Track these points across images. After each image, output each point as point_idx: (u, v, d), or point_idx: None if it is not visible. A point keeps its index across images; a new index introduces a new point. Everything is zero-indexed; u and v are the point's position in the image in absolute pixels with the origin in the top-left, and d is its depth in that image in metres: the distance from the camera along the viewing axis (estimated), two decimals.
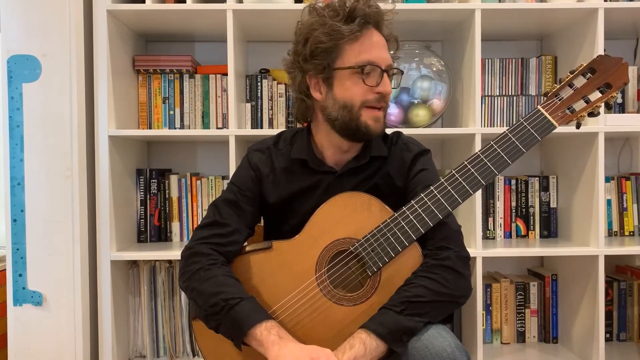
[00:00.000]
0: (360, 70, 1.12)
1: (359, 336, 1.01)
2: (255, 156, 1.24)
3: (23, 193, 1.65)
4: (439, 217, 1.08)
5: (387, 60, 1.14)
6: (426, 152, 1.24)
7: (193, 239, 1.17)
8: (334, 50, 1.13)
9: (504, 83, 1.97)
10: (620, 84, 1.11)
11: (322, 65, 1.14)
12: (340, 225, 1.12)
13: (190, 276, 1.11)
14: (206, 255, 1.12)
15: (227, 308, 1.03)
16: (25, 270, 1.66)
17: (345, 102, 1.14)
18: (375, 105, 1.14)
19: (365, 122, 1.14)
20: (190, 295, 1.12)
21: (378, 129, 1.16)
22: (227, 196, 1.21)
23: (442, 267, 1.06)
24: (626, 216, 2.01)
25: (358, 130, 1.15)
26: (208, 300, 1.06)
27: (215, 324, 1.06)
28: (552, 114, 1.10)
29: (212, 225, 1.17)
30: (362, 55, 1.12)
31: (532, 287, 2.00)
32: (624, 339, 2.02)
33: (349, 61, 1.12)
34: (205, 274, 1.09)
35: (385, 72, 1.13)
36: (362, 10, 1.12)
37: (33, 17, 1.65)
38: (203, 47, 2.12)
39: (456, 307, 1.11)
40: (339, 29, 1.11)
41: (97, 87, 1.72)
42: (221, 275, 1.09)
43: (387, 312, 1.02)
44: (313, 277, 1.10)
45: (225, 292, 1.05)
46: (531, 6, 1.75)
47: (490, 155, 1.10)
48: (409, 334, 1.01)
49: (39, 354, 1.67)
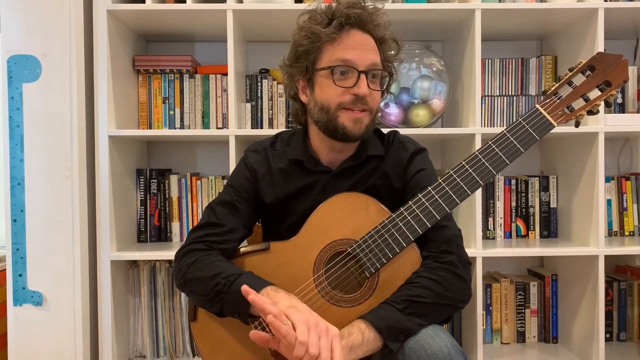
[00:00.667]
0: (331, 71, 1.11)
1: (358, 325, 1.01)
2: (252, 157, 1.25)
3: (23, 193, 1.65)
4: (437, 218, 1.07)
5: (367, 61, 1.11)
6: (423, 151, 1.24)
7: (187, 240, 1.17)
8: (313, 52, 1.13)
9: (504, 83, 1.97)
10: (620, 82, 1.10)
11: (304, 67, 1.15)
12: (337, 226, 1.12)
13: (186, 270, 1.11)
14: (201, 250, 1.13)
15: (229, 284, 1.03)
16: (25, 270, 1.66)
17: (323, 103, 1.14)
18: (351, 107, 1.12)
19: (343, 123, 1.12)
20: (189, 288, 1.11)
21: (358, 130, 1.13)
22: (223, 197, 1.21)
23: (446, 270, 1.06)
24: (626, 216, 2.01)
25: (336, 131, 1.13)
26: (208, 283, 1.06)
27: (219, 304, 1.06)
28: (551, 113, 1.09)
29: (206, 226, 1.17)
30: (337, 55, 1.11)
31: (532, 287, 2.00)
32: (624, 339, 2.02)
33: (326, 62, 1.13)
34: (202, 263, 1.10)
35: (363, 74, 1.11)
36: (341, 11, 1.11)
37: (33, 17, 1.65)
38: (203, 47, 2.12)
39: (455, 311, 1.10)
40: (318, 31, 1.11)
41: (97, 87, 1.72)
42: (217, 261, 1.10)
43: (388, 308, 1.02)
44: (311, 278, 1.10)
45: (224, 272, 1.06)
46: (531, 6, 1.75)
47: (488, 155, 1.08)
48: (406, 333, 1.01)
49: (39, 354, 1.67)
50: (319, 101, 1.15)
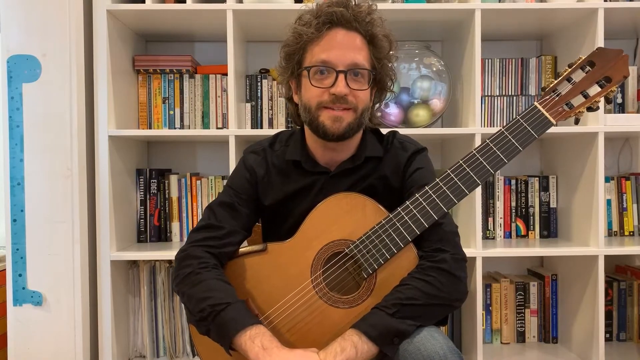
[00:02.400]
0: (308, 71, 1.12)
1: (351, 338, 1.00)
2: (251, 158, 1.25)
3: (23, 193, 1.65)
4: (434, 217, 1.07)
5: (347, 60, 1.10)
6: (422, 151, 1.23)
7: (187, 242, 1.16)
8: (298, 52, 1.14)
9: (504, 83, 1.97)
10: (620, 77, 1.07)
11: (292, 68, 1.16)
12: (335, 227, 1.12)
13: (181, 280, 1.10)
14: (198, 258, 1.11)
15: (214, 314, 1.02)
16: (25, 270, 1.66)
17: (305, 103, 1.15)
18: (330, 105, 1.11)
19: (323, 122, 1.12)
20: (182, 299, 1.11)
21: (337, 129, 1.12)
22: (223, 198, 1.21)
23: (437, 270, 1.05)
24: (626, 216, 2.01)
25: (317, 130, 1.14)
26: (197, 305, 1.05)
27: (205, 329, 1.05)
28: (550, 111, 1.07)
29: (206, 228, 1.17)
30: (317, 56, 1.11)
31: (532, 287, 2.00)
32: (623, 339, 2.02)
33: (308, 63, 1.13)
34: (196, 277, 1.08)
35: (342, 73, 1.09)
36: (324, 10, 1.11)
37: (33, 17, 1.65)
38: (203, 47, 2.12)
39: (450, 310, 1.09)
40: (302, 31, 1.11)
41: (97, 87, 1.72)
42: (211, 279, 1.08)
43: (379, 313, 1.01)
44: (308, 279, 1.10)
45: (212, 298, 1.04)
46: (531, 6, 1.75)
47: (485, 154, 1.07)
48: (401, 336, 1.00)
49: (39, 354, 1.67)
50: (303, 101, 1.16)
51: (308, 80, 1.13)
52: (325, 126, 1.12)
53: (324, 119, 1.12)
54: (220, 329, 1.02)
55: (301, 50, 1.14)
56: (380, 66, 1.17)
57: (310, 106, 1.13)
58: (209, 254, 1.13)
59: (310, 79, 1.12)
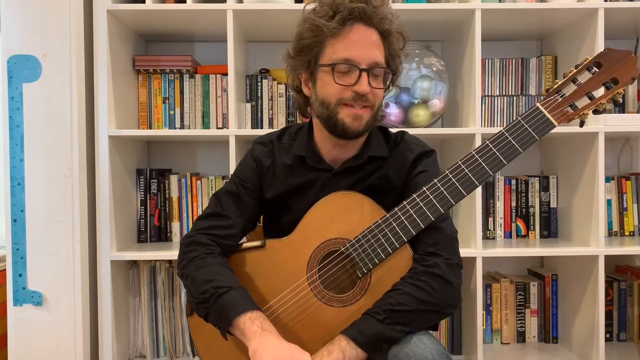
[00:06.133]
0: (331, 68, 1.10)
1: (339, 343, 1.00)
2: (258, 149, 1.25)
3: (23, 193, 1.65)
4: (430, 218, 1.06)
5: (369, 59, 1.09)
6: (429, 153, 1.21)
7: (193, 229, 1.18)
8: (315, 46, 1.12)
9: (504, 83, 1.97)
10: (628, 79, 1.05)
11: (306, 61, 1.14)
12: (332, 225, 1.12)
13: (186, 263, 1.12)
14: (204, 245, 1.13)
15: (216, 296, 1.03)
16: (25, 270, 1.66)
17: (324, 98, 1.13)
18: (351, 103, 1.11)
19: (342, 119, 1.11)
20: (185, 282, 1.12)
21: (357, 127, 1.11)
22: (229, 187, 1.22)
23: (430, 275, 1.04)
24: (626, 216, 2.01)
25: (336, 127, 1.12)
26: (199, 287, 1.06)
27: (205, 311, 1.06)
28: (552, 112, 1.06)
29: (212, 216, 1.18)
30: (339, 53, 1.09)
31: (532, 287, 2.00)
32: (624, 339, 2.02)
33: (328, 58, 1.11)
34: (201, 262, 1.10)
35: (365, 72, 1.09)
36: (344, 5, 1.09)
37: (33, 17, 1.65)
38: (203, 47, 2.12)
39: (442, 317, 1.09)
40: (321, 25, 1.09)
41: (97, 87, 1.72)
42: (216, 264, 1.09)
43: (369, 320, 1.01)
44: (304, 277, 1.10)
45: (216, 280, 1.06)
46: (531, 6, 1.75)
47: (485, 155, 1.06)
48: (390, 342, 1.00)
49: (39, 354, 1.67)
50: (320, 96, 1.14)
51: (329, 76, 1.10)
52: (345, 124, 1.11)
53: (344, 116, 1.11)
54: (221, 310, 1.02)
55: (319, 44, 1.11)
56: (393, 63, 1.17)
57: (330, 102, 1.12)
58: (214, 243, 1.14)
59: (333, 76, 1.10)
